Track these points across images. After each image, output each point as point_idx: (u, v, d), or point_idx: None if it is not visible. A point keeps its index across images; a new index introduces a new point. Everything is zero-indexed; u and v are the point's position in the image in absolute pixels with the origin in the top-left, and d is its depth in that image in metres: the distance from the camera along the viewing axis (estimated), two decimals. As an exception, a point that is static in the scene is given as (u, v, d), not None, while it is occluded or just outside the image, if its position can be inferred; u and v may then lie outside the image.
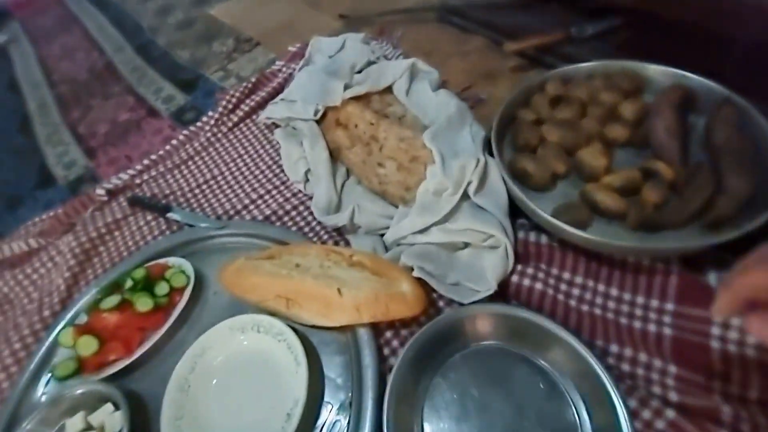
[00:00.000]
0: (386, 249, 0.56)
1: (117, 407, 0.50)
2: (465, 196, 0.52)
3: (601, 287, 0.47)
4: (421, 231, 0.52)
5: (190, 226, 0.67)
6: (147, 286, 0.58)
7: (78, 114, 0.98)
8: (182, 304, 0.57)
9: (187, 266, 0.61)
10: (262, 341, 0.51)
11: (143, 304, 0.56)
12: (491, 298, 0.47)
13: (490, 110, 0.71)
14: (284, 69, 0.86)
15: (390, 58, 0.81)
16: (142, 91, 0.98)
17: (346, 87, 0.69)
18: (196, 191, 0.73)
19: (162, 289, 0.58)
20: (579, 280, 0.48)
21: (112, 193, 0.75)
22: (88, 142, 0.90)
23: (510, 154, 0.55)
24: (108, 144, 0.88)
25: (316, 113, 0.69)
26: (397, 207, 0.58)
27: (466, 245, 0.51)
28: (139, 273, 0.58)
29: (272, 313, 0.52)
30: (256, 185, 0.71)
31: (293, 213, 0.66)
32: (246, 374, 0.50)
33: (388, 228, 0.56)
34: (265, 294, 0.52)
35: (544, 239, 0.51)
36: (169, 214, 0.69)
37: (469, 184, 0.51)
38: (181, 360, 0.51)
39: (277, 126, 0.77)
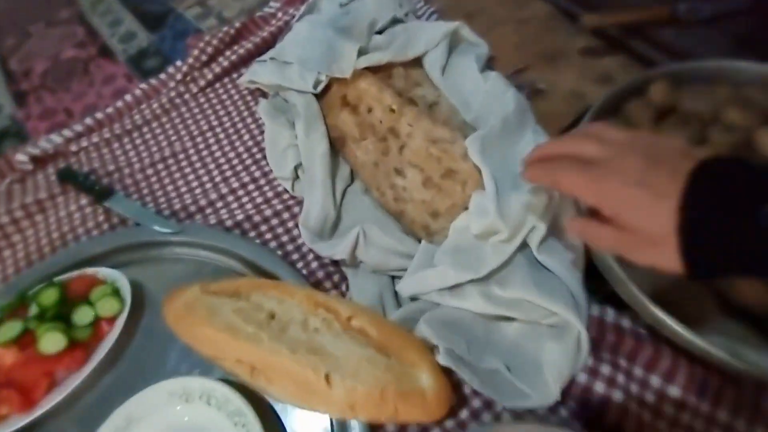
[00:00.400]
0: (397, 300, 0.40)
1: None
2: (523, 246, 0.35)
3: (705, 407, 0.32)
4: (452, 288, 0.36)
5: (136, 224, 0.50)
6: (61, 312, 0.42)
7: (12, 42, 0.76)
8: (111, 341, 0.42)
9: (123, 283, 0.45)
10: (211, 419, 0.36)
11: (52, 342, 0.40)
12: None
13: (550, 106, 0.53)
14: (280, 14, 0.65)
15: (421, 17, 0.61)
16: (96, 21, 0.77)
17: (361, 52, 0.50)
18: (149, 172, 0.55)
19: (83, 316, 0.42)
20: (675, 392, 0.33)
21: (38, 161, 0.57)
22: (20, 82, 0.70)
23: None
24: (44, 88, 0.68)
25: (316, 85, 0.50)
26: (418, 241, 0.41)
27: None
28: (49, 296, 0.42)
29: (229, 378, 0.37)
30: (229, 174, 0.54)
31: (274, 221, 0.49)
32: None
33: (402, 270, 0.40)
34: (222, 353, 0.37)
35: (627, 321, 0.36)
36: (108, 202, 0.51)
37: (532, 230, 0.35)
38: (98, 432, 0.36)
39: (263, 95, 0.58)
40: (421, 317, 0.37)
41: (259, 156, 0.54)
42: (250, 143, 0.55)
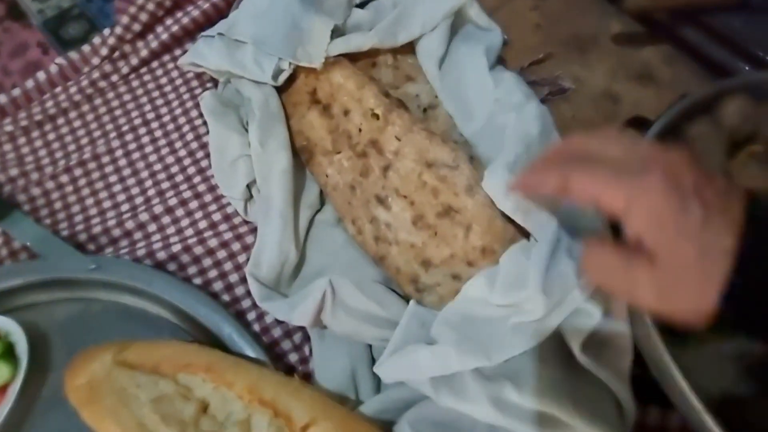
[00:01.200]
0: (375, 378, 0.31)
1: None
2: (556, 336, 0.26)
3: None
4: (451, 379, 0.26)
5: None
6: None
7: None
8: (1, 415, 0.32)
9: (19, 338, 0.34)
10: None
11: None
12: None
13: (576, 111, 0.42)
14: (237, -28, 0.51)
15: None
16: (7, -31, 0.60)
17: (336, 33, 0.38)
18: (64, 179, 0.43)
19: (-42, 388, 0.32)
20: None
21: None
22: None
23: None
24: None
25: (276, 75, 0.38)
26: (405, 300, 0.31)
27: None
28: None
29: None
30: (166, 186, 0.42)
31: (220, 254, 0.38)
32: None
33: (383, 340, 0.30)
34: None
35: (675, 420, 0.27)
36: (3, 224, 0.39)
37: (576, 313, 0.25)
38: None
39: (213, 80, 0.45)
40: (404, 413, 0.27)
41: (205, 163, 0.42)
42: (194, 145, 0.43)
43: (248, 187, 0.38)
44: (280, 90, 0.40)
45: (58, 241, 0.38)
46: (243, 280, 0.37)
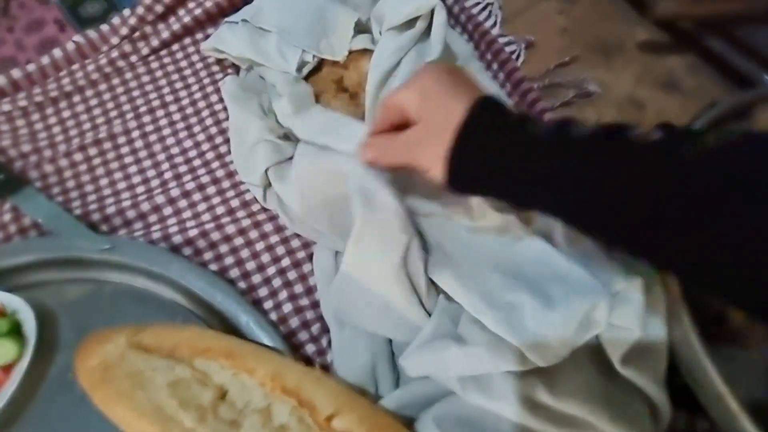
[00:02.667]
0: (396, 373, 0.30)
1: None
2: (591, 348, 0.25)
3: None
4: (480, 377, 0.26)
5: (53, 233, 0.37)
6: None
7: None
8: (6, 396, 0.31)
9: (27, 316, 0.33)
10: None
11: None
12: None
13: (601, 114, 0.42)
14: (262, -41, 0.51)
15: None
16: (24, -56, 0.59)
17: (360, 25, 0.37)
18: (78, 157, 0.42)
19: (-37, 364, 0.31)
20: None
21: (-73, 130, 0.43)
22: None
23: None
24: (-52, 28, 0.52)
25: (301, 66, 0.38)
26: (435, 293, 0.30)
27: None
28: None
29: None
30: (183, 170, 0.41)
31: (237, 241, 0.38)
32: None
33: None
34: None
35: (703, 425, 0.27)
36: (15, 199, 0.38)
37: (615, 330, 0.25)
38: None
39: (234, 66, 0.44)
40: (428, 409, 0.27)
41: (224, 149, 0.42)
42: (213, 130, 0.43)
43: (266, 173, 0.37)
44: (305, 78, 0.39)
45: (71, 218, 0.37)
46: (260, 267, 0.37)
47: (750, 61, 0.40)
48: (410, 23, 0.36)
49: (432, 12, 0.36)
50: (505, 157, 0.22)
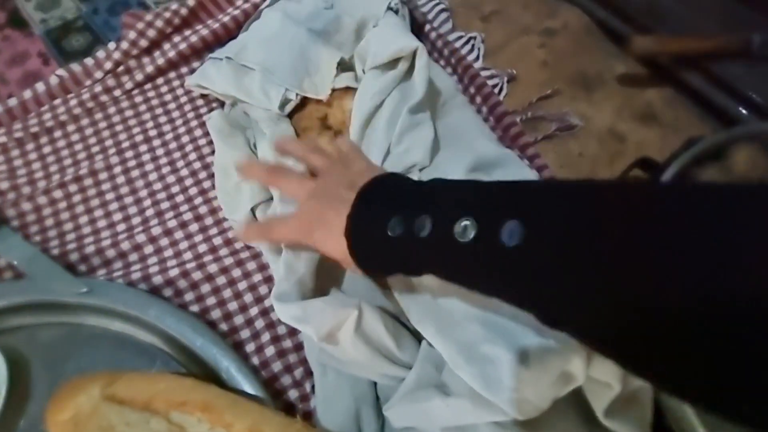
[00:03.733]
0: (380, 420, 0.29)
1: None
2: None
3: None
4: (459, 428, 0.25)
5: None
6: None
7: None
8: (-30, 453, 0.30)
9: (-2, 367, 0.32)
10: None
11: None
12: None
13: (583, 147, 0.43)
14: (248, -5, 0.51)
15: (428, 16, 0.48)
16: (10, -23, 0.60)
17: (343, 64, 0.38)
18: (57, 194, 0.41)
19: (-72, 420, 0.29)
20: None
21: None
22: None
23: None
24: (-73, 62, 0.52)
25: (283, 104, 0.38)
26: (417, 339, 0.30)
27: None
28: None
29: None
30: (166, 206, 0.41)
31: (220, 280, 0.37)
32: None
33: (391, 378, 0.29)
34: None
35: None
36: (-10, 239, 0.37)
37: (600, 385, 0.25)
38: None
39: (219, 101, 0.44)
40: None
41: (207, 184, 0.41)
42: (196, 165, 0.42)
43: (252, 211, 0.37)
44: (289, 115, 0.39)
45: (47, 260, 0.36)
46: (242, 308, 0.36)
47: (725, 94, 0.41)
48: (393, 63, 0.36)
49: (414, 53, 0.36)
50: (386, 257, 0.25)
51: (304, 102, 0.39)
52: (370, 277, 0.31)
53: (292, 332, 0.35)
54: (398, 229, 0.24)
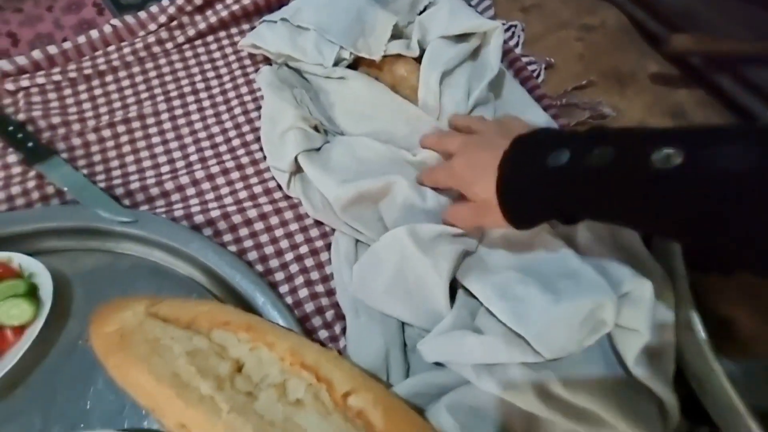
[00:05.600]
0: (407, 361, 0.31)
1: None
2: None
3: None
4: (494, 366, 0.27)
5: (75, 200, 0.38)
6: (-56, 312, 0.30)
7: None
8: (15, 357, 0.31)
9: (44, 280, 0.34)
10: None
11: None
12: None
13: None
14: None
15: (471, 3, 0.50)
16: (70, -68, 0.62)
17: (397, 31, 0.39)
18: (106, 133, 0.43)
19: (-23, 320, 0.31)
20: None
21: (-41, 95, 0.44)
22: (-42, -10, 0.55)
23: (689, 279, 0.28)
24: (-12, 4, 0.54)
25: (337, 62, 0.39)
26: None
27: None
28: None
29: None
30: (209, 153, 0.42)
31: (257, 225, 0.38)
32: None
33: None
34: (160, 409, 0.27)
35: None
36: (42, 166, 0.39)
37: (629, 333, 0.26)
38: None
39: (267, 61, 0.46)
40: (440, 398, 0.27)
41: (250, 137, 0.43)
42: (241, 119, 0.44)
43: (296, 159, 0.38)
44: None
45: (95, 189, 0.38)
46: (278, 252, 0.37)
47: (756, 98, 0.43)
48: (462, 37, 0.38)
49: (486, 32, 0.38)
50: (540, 194, 0.25)
51: (355, 65, 0.40)
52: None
53: (325, 279, 0.36)
54: (563, 159, 0.23)
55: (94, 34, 0.48)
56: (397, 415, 0.25)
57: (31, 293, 0.33)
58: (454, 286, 0.31)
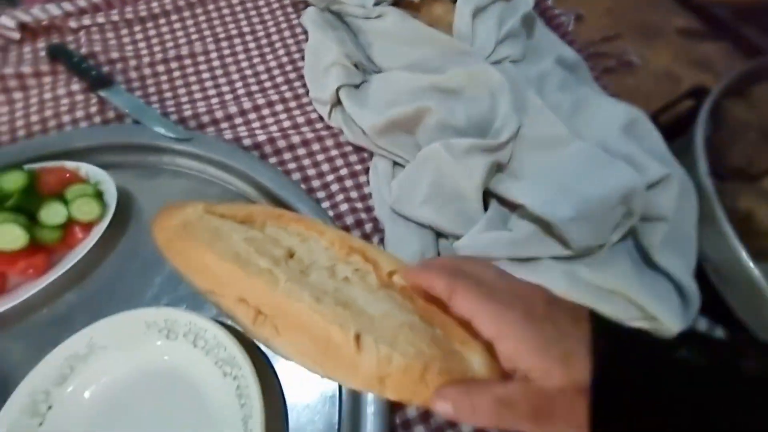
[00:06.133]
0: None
1: None
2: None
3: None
4: (527, 259, 0.29)
5: (135, 122, 0.41)
6: (27, 204, 0.34)
7: None
8: (84, 250, 0.34)
9: (109, 187, 0.37)
10: (196, 364, 0.29)
11: (8, 238, 0.32)
12: None
13: (638, 83, 0.46)
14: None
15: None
16: None
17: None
18: (160, 68, 0.46)
19: (53, 215, 0.34)
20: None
21: (27, 31, 0.48)
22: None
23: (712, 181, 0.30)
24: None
25: (377, 3, 0.42)
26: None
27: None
28: (15, 181, 0.34)
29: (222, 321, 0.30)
30: (255, 88, 0.45)
31: (300, 151, 0.41)
32: (154, 416, 0.29)
33: (455, 233, 0.33)
34: (221, 287, 0.29)
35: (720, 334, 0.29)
36: (105, 92, 0.42)
37: (652, 222, 0.28)
38: (48, 357, 0.29)
39: (302, 11, 0.49)
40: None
41: (293, 75, 0.46)
42: (284, 59, 0.47)
43: (337, 91, 0.41)
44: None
45: (154, 112, 0.41)
46: (319, 174, 0.40)
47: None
48: None
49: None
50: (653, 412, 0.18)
51: (394, 5, 0.43)
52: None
53: (363, 197, 0.39)
54: (698, 357, 0.18)
55: (148, -19, 0.51)
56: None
57: (98, 197, 0.36)
58: (487, 201, 0.33)
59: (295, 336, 0.27)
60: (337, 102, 0.41)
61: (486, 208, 0.33)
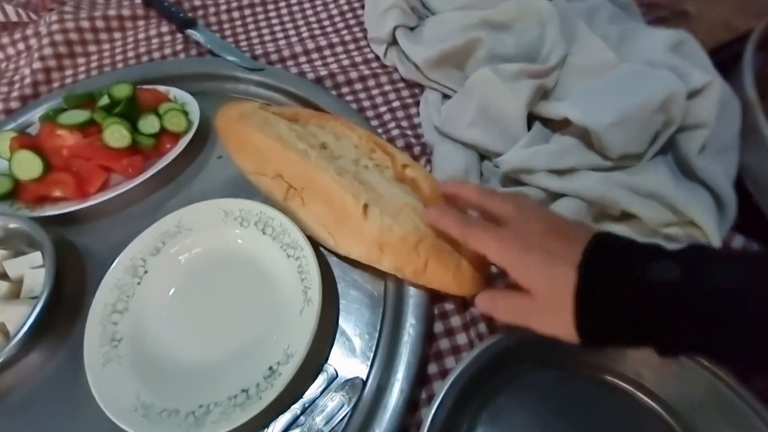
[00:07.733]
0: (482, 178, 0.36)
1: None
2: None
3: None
4: (561, 173, 0.31)
5: (215, 55, 0.47)
6: (129, 113, 0.40)
7: None
8: (172, 156, 0.40)
9: (193, 106, 0.42)
10: (265, 248, 0.34)
11: (116, 136, 0.38)
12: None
13: (696, 33, 0.46)
14: None
15: None
16: None
17: None
18: (236, 14, 0.52)
19: (149, 125, 0.40)
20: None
21: (126, -19, 0.55)
22: None
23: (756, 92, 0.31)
24: None
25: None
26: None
27: (625, 215, 0.31)
28: (123, 90, 0.40)
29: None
30: (318, 32, 0.50)
31: (357, 86, 0.45)
32: (228, 288, 0.34)
33: (496, 152, 0.35)
34: (263, 165, 0.34)
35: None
36: (189, 31, 0.48)
37: (693, 129, 0.29)
38: (146, 232, 0.35)
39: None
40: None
41: (352, 22, 0.50)
42: (345, 8, 0.51)
43: (393, 31, 0.44)
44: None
45: (231, 47, 0.47)
46: (374, 106, 0.44)
47: None
48: None
49: None
50: (638, 311, 0.21)
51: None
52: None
53: (413, 126, 0.42)
54: (672, 274, 0.20)
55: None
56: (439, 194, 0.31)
57: (184, 113, 0.42)
58: (530, 126, 0.36)
59: (317, 206, 0.32)
60: (393, 41, 0.45)
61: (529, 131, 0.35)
